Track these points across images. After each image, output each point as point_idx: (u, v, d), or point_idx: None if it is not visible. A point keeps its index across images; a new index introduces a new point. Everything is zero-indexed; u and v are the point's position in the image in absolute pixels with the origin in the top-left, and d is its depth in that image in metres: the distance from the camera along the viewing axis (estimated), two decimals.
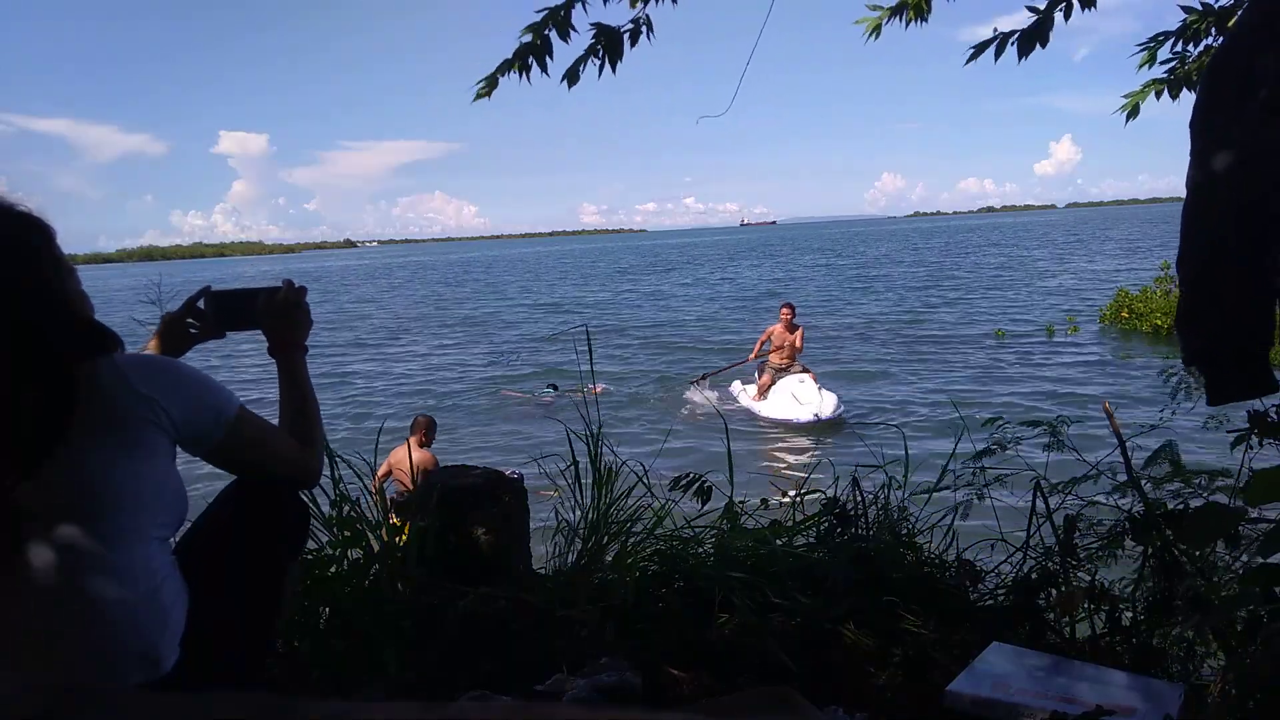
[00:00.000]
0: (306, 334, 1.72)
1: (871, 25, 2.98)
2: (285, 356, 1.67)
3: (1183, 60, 2.81)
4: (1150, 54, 2.85)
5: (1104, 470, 2.31)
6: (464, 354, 20.24)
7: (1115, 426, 2.35)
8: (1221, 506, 1.85)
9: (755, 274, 45.73)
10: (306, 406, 1.63)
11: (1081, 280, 29.48)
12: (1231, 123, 1.21)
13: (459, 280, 56.66)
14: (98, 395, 1.29)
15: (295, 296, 1.70)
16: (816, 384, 11.70)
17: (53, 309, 1.33)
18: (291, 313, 1.70)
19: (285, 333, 1.68)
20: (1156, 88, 2.90)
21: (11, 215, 1.35)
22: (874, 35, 3.01)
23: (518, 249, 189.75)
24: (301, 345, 1.70)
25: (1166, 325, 15.88)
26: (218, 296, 1.77)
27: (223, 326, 1.77)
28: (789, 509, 2.69)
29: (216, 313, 1.77)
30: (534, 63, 2.80)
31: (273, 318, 1.69)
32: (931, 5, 2.91)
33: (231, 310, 1.75)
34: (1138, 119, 3.05)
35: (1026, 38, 2.71)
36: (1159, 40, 2.83)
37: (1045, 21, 2.70)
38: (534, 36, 2.78)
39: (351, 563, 2.26)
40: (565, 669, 1.95)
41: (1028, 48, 2.71)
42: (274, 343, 1.68)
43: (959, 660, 1.94)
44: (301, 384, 1.65)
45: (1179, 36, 2.79)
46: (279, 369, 1.66)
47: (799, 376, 11.89)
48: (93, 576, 1.26)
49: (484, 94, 2.93)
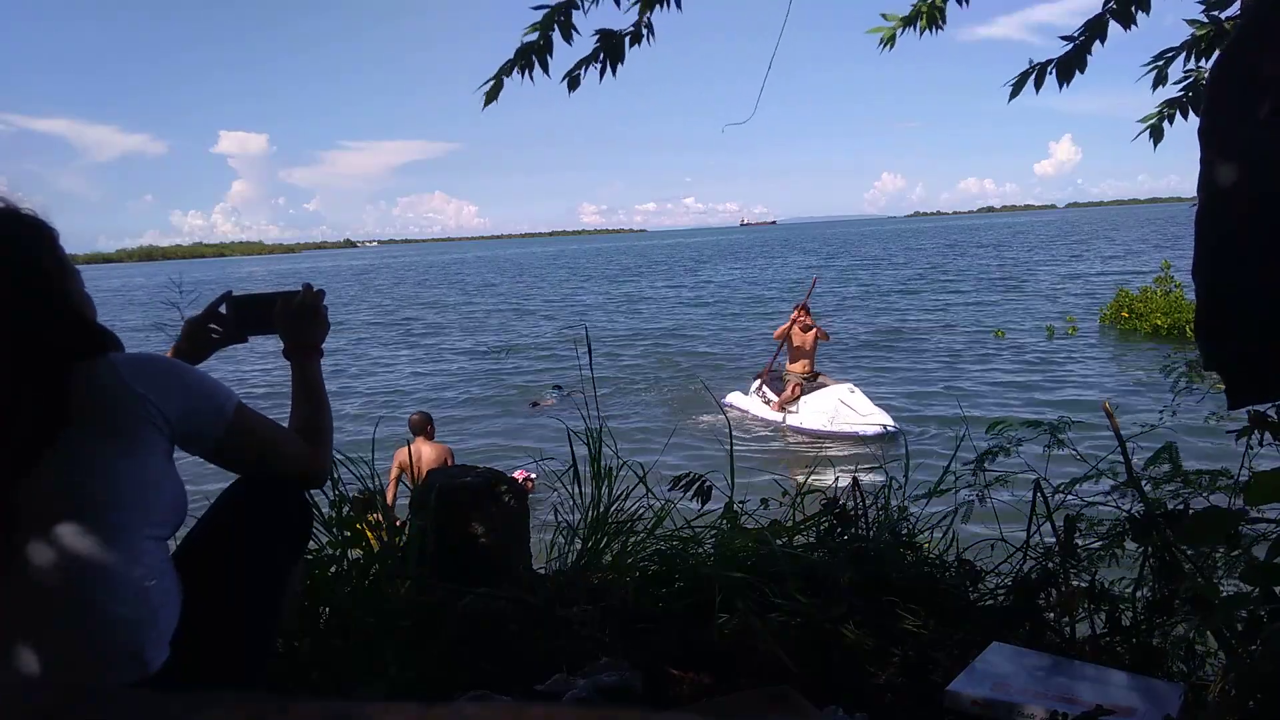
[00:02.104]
0: (323, 337, 1.73)
1: (886, 35, 2.98)
2: (299, 359, 1.68)
3: (1200, 77, 2.77)
4: (1160, 73, 2.81)
5: (1104, 470, 2.31)
6: (463, 354, 20.26)
7: (1115, 426, 2.35)
8: (1221, 507, 1.85)
9: (758, 275, 45.69)
10: (318, 408, 1.64)
11: (1081, 280, 29.49)
12: (1239, 127, 1.21)
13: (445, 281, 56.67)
14: (92, 394, 1.29)
15: (313, 300, 1.72)
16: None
17: (53, 311, 1.34)
18: (308, 316, 1.71)
19: (301, 335, 1.69)
20: (1176, 105, 2.87)
21: (13, 217, 1.35)
22: (888, 46, 3.00)
23: (517, 249, 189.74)
24: (316, 348, 1.70)
25: (1166, 325, 15.90)
26: (238, 301, 1.79)
27: (243, 331, 1.79)
28: (789, 509, 2.69)
29: (237, 317, 1.78)
30: (536, 62, 2.81)
31: (289, 321, 1.70)
32: (946, 14, 2.91)
33: (252, 314, 1.77)
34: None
35: (1064, 65, 2.72)
36: (1168, 58, 2.79)
37: (1084, 47, 2.70)
38: (539, 35, 2.79)
39: (351, 563, 2.26)
40: (565, 669, 1.95)
41: (1067, 75, 2.72)
42: (289, 345, 1.69)
43: (959, 660, 1.94)
44: (314, 386, 1.66)
45: (1187, 52, 2.76)
46: (293, 371, 1.67)
47: (845, 386, 11.17)
48: (81, 574, 1.26)
49: (492, 98, 2.94)
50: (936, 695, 1.82)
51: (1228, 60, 1.29)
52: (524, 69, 2.83)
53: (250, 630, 1.50)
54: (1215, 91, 1.29)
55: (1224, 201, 1.24)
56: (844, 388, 11.16)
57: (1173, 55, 2.79)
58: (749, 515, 2.64)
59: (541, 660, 2.00)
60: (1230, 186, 1.23)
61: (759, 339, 19.60)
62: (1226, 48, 1.30)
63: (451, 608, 2.17)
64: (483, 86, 2.89)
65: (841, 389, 11.11)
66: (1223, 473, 2.14)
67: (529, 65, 2.82)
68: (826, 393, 11.17)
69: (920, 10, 2.90)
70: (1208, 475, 2.16)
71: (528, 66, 2.82)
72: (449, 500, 2.41)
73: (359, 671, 1.95)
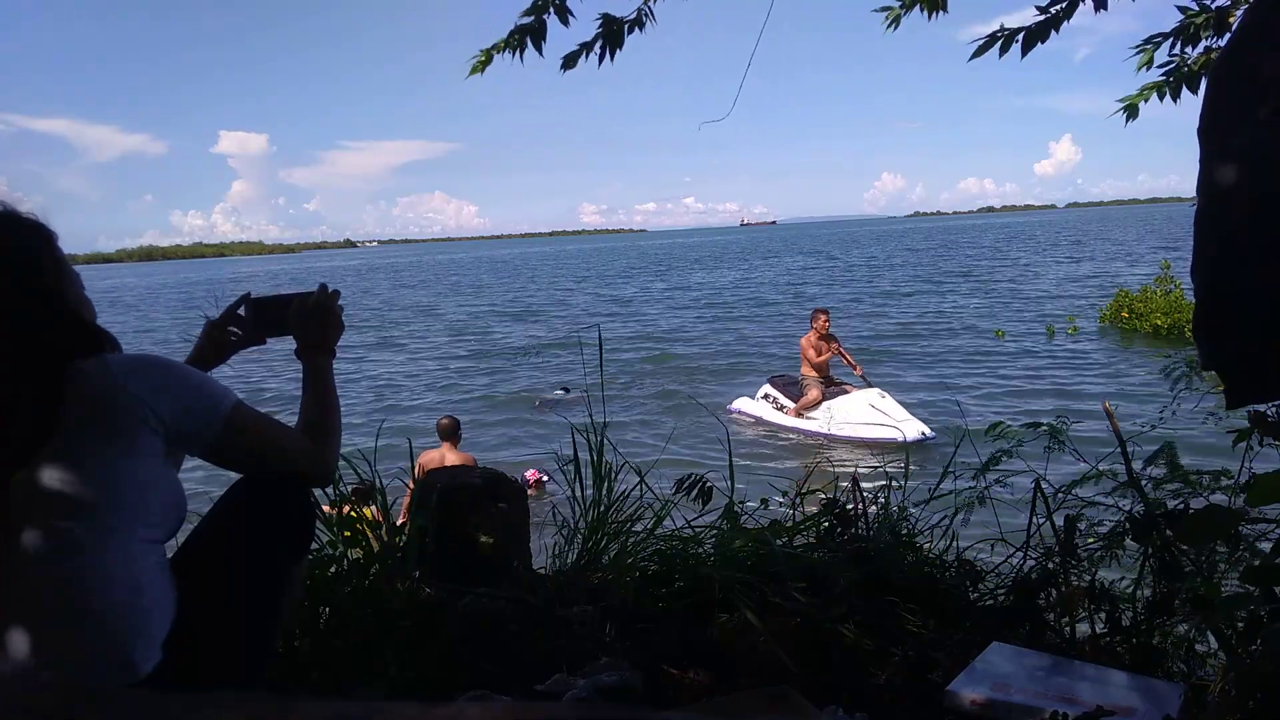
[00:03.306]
0: (336, 338, 1.72)
1: (891, 15, 3.02)
2: (311, 359, 1.67)
3: (1182, 62, 2.81)
4: (1148, 56, 2.85)
5: (1104, 470, 2.31)
6: (465, 356, 20.27)
7: (1115, 426, 2.35)
8: (1221, 507, 1.85)
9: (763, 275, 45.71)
10: (326, 406, 1.63)
11: (1081, 280, 29.49)
12: (1239, 127, 1.21)
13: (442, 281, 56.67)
14: (85, 394, 1.29)
15: (327, 301, 1.71)
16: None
17: (51, 312, 1.34)
18: (322, 317, 1.71)
19: (314, 336, 1.69)
20: (1157, 89, 2.91)
21: (12, 219, 1.35)
22: (893, 26, 3.06)
23: (517, 249, 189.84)
24: (329, 349, 1.70)
25: (1166, 325, 15.90)
26: (257, 303, 1.79)
27: (262, 333, 1.79)
28: (789, 509, 2.69)
29: (256, 319, 1.78)
30: (530, 43, 2.85)
31: (303, 321, 1.70)
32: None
33: (270, 316, 1.77)
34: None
35: (1030, 35, 2.77)
36: (1156, 42, 2.83)
37: (1051, 21, 2.74)
38: (534, 19, 2.84)
39: (351, 563, 2.26)
40: (565, 669, 1.95)
41: (1030, 44, 2.77)
42: (301, 345, 1.69)
43: (959, 660, 1.94)
44: (324, 386, 1.66)
45: (1176, 37, 2.79)
46: (304, 370, 1.67)
47: (874, 391, 10.52)
48: (70, 574, 1.26)
49: (478, 69, 3.00)
50: (936, 695, 1.82)
51: (1228, 60, 1.29)
52: (516, 49, 2.87)
53: (250, 630, 1.50)
54: (1215, 91, 1.29)
55: (1224, 202, 1.24)
56: (873, 393, 10.48)
57: (1160, 40, 2.82)
58: (749, 515, 2.64)
59: (541, 660, 2.00)
60: (1230, 186, 1.22)
61: (756, 341, 19.61)
62: (1227, 47, 1.30)
63: (451, 608, 2.17)
64: (474, 59, 2.95)
65: (871, 394, 10.46)
66: (1223, 473, 2.14)
67: (521, 46, 2.86)
68: (854, 398, 10.51)
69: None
70: (1208, 475, 2.16)
71: (519, 47, 2.86)
72: (449, 500, 2.41)
73: (359, 671, 1.95)
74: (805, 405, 10.95)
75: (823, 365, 11.23)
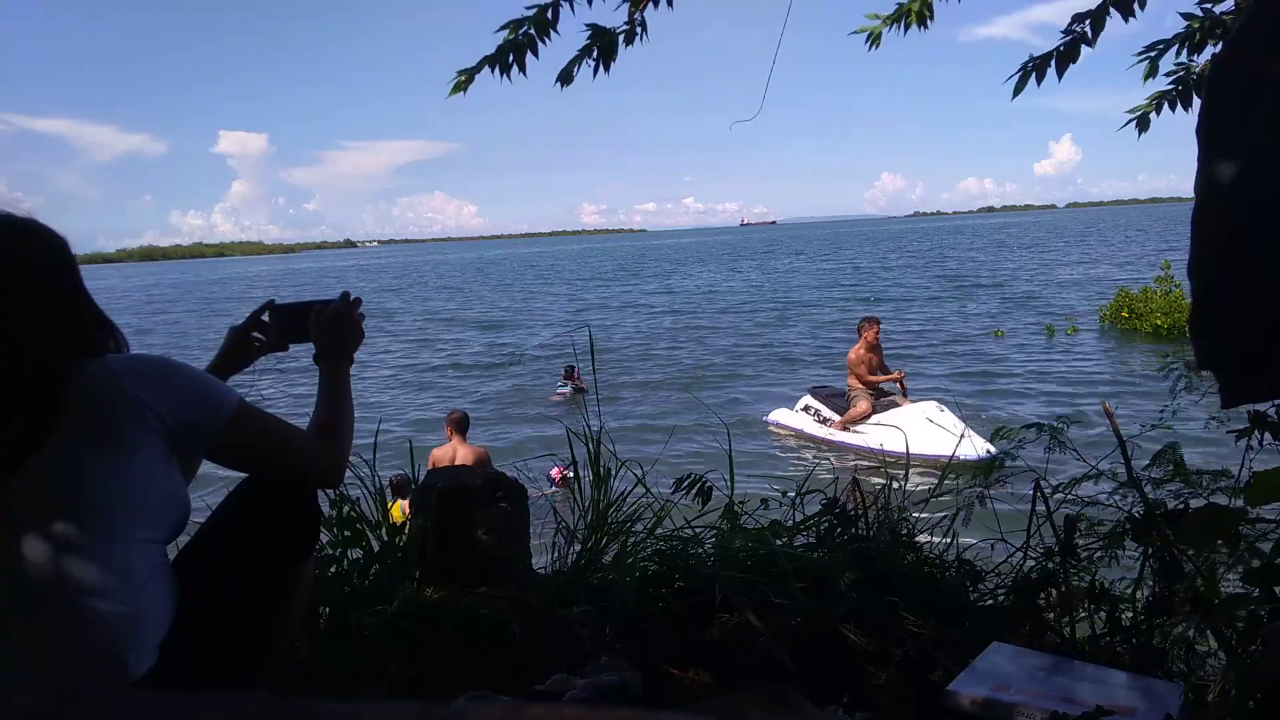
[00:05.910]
0: (356, 346, 1.74)
1: (873, 34, 2.97)
2: (328, 364, 1.69)
3: (1188, 72, 2.78)
4: (1152, 65, 2.81)
5: (1104, 470, 2.31)
6: (465, 357, 20.27)
7: (1115, 426, 2.35)
8: (1221, 507, 1.85)
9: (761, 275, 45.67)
10: (339, 409, 1.64)
11: (1081, 280, 29.49)
12: (1238, 128, 1.21)
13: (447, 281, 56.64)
14: (85, 395, 1.29)
15: (348, 309, 1.74)
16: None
17: (52, 312, 1.34)
18: (343, 324, 1.73)
19: (333, 343, 1.71)
20: (1165, 98, 2.87)
21: (14, 221, 1.35)
22: (874, 45, 2.99)
23: (517, 249, 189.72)
24: (347, 356, 1.72)
25: (1166, 325, 15.89)
26: (280, 310, 1.81)
27: (285, 339, 1.81)
28: (789, 509, 2.69)
29: (279, 326, 1.80)
30: (514, 62, 2.76)
31: (323, 327, 1.72)
32: (933, 10, 2.90)
33: (293, 323, 1.78)
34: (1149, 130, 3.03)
35: (1062, 58, 2.73)
36: (1159, 49, 2.79)
37: (1080, 40, 2.71)
38: (511, 32, 2.74)
39: (351, 563, 2.26)
40: (565, 669, 1.95)
41: (1064, 67, 2.74)
42: (321, 351, 1.71)
43: (959, 660, 1.93)
44: (340, 392, 1.67)
45: (1180, 44, 2.76)
46: (320, 374, 1.68)
47: (932, 404, 9.69)
48: (65, 575, 1.26)
49: (460, 88, 2.88)
50: (936, 695, 1.82)
51: (1228, 60, 1.28)
52: (502, 70, 2.76)
53: (250, 632, 1.49)
54: (1214, 91, 1.29)
55: (1222, 201, 1.24)
56: (930, 405, 9.65)
57: (1164, 47, 2.79)
58: (749, 515, 2.64)
59: (541, 660, 2.00)
60: (1228, 186, 1.22)
61: (764, 342, 19.59)
62: (1226, 47, 1.30)
63: (451, 608, 2.17)
64: (456, 78, 2.85)
65: (928, 406, 9.62)
66: (1223, 473, 2.14)
67: (506, 66, 2.76)
68: (908, 411, 9.65)
69: (909, 9, 2.90)
70: (1208, 475, 2.16)
71: (505, 68, 2.76)
72: (449, 500, 2.41)
73: (359, 671, 1.95)
74: (852, 418, 10.21)
75: (873, 380, 10.44)
